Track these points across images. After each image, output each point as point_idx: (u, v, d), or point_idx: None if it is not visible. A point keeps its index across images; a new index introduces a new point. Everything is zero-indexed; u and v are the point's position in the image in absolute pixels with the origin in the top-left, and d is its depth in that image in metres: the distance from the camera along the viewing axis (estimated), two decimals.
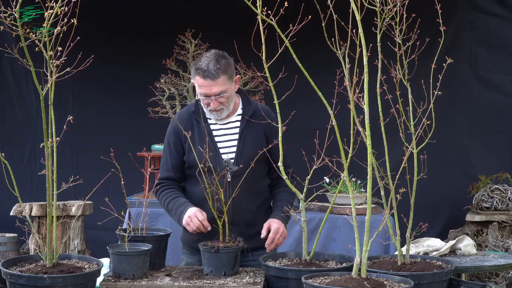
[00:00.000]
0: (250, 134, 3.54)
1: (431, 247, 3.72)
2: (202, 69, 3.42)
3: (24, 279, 2.81)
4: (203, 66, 3.42)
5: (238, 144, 3.53)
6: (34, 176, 6.64)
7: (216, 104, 3.47)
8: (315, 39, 3.52)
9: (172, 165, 3.59)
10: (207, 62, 3.42)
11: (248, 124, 3.55)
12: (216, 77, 3.41)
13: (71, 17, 2.78)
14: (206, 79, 3.41)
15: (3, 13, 2.72)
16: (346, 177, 2.93)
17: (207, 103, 3.48)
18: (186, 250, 3.70)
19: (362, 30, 2.77)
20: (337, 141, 2.92)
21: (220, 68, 3.41)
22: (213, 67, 3.41)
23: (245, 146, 3.52)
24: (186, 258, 3.69)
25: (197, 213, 3.42)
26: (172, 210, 3.55)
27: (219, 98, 3.45)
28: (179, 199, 3.54)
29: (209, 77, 3.40)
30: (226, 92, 3.45)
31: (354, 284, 2.75)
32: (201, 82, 3.44)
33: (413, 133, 3.22)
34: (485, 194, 5.89)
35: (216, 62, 3.42)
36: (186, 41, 5.64)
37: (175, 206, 3.53)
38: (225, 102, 3.48)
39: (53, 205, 2.94)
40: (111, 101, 6.77)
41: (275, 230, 3.46)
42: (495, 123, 6.46)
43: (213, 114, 3.52)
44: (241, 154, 3.51)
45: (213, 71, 3.40)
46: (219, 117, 3.53)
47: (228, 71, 3.45)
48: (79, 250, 5.61)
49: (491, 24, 6.39)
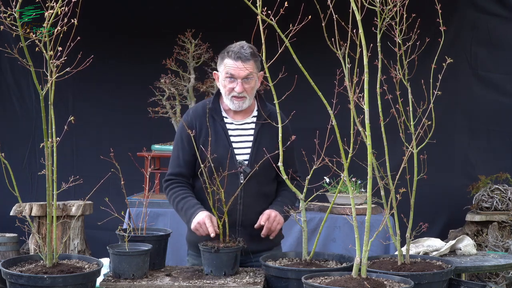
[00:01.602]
0: (264, 137, 3.52)
1: (431, 247, 3.72)
2: (235, 51, 3.45)
3: (24, 279, 2.81)
4: (235, 49, 3.46)
5: (252, 146, 3.51)
6: (34, 176, 6.64)
7: (241, 88, 3.45)
8: (315, 39, 3.52)
9: (184, 161, 3.54)
10: (239, 46, 3.47)
11: (263, 127, 3.53)
12: (247, 59, 3.44)
13: (71, 17, 2.78)
14: (237, 61, 3.44)
15: (3, 13, 2.72)
16: (346, 177, 2.93)
17: (231, 88, 3.47)
18: (192, 252, 3.67)
19: (362, 30, 2.77)
20: (337, 141, 2.92)
21: (251, 53, 3.46)
22: (245, 51, 3.45)
23: (259, 149, 3.49)
24: (192, 260, 3.66)
25: (206, 220, 3.36)
26: (181, 211, 3.51)
27: (245, 82, 3.46)
28: (190, 200, 3.50)
29: (241, 58, 3.43)
30: (253, 78, 3.47)
31: (354, 284, 2.75)
32: (231, 63, 3.45)
33: (413, 133, 3.22)
34: (485, 194, 5.89)
35: (248, 47, 3.47)
36: (186, 41, 5.64)
37: (185, 206, 3.48)
38: (248, 89, 3.48)
39: (53, 205, 2.94)
40: (111, 101, 6.77)
41: (268, 214, 3.45)
42: (495, 123, 6.46)
43: (234, 102, 3.49)
44: (255, 157, 3.48)
45: (245, 54, 3.44)
46: (240, 106, 3.50)
47: (257, 61, 3.50)
48: (79, 250, 5.61)
49: (491, 24, 6.39)
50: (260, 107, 3.58)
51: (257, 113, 3.57)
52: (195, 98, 5.66)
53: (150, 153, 5.15)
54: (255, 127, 3.55)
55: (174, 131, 5.74)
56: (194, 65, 5.65)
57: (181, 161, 3.55)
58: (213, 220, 3.35)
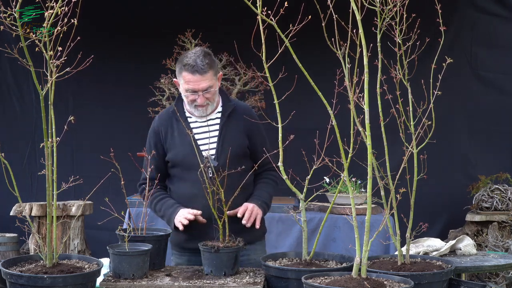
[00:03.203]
0: (230, 131, 3.57)
1: (431, 247, 3.72)
2: (191, 64, 3.44)
3: (24, 279, 2.81)
4: (190, 62, 3.44)
5: (218, 140, 3.55)
6: (34, 176, 6.64)
7: (203, 99, 3.50)
8: (315, 39, 3.52)
9: (155, 165, 3.61)
10: (194, 58, 3.45)
11: (228, 121, 3.58)
12: (204, 72, 3.44)
13: (71, 17, 2.78)
14: (195, 74, 3.44)
15: (3, 13, 2.72)
16: (346, 177, 2.93)
17: (193, 99, 3.51)
18: (175, 251, 3.72)
19: (362, 30, 2.77)
20: (337, 141, 2.92)
21: (208, 63, 3.45)
22: (201, 62, 3.44)
23: (225, 142, 3.54)
24: (176, 259, 3.71)
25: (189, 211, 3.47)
26: (160, 211, 3.61)
27: (206, 93, 3.49)
28: (167, 200, 3.60)
29: (198, 72, 3.43)
30: (213, 87, 3.49)
31: (354, 284, 2.75)
32: (190, 77, 3.46)
33: (413, 133, 3.22)
34: (485, 194, 5.89)
35: (204, 57, 3.45)
36: (186, 41, 5.64)
37: (163, 207, 3.59)
38: (210, 98, 3.52)
39: (53, 205, 2.94)
40: (111, 101, 6.77)
41: (245, 206, 3.50)
42: (495, 123, 6.46)
43: (198, 110, 3.55)
44: (221, 150, 3.53)
45: (201, 66, 3.43)
46: (204, 113, 3.56)
47: (214, 67, 3.50)
48: (79, 250, 5.61)
49: (491, 24, 6.39)
50: (223, 103, 3.61)
51: (221, 109, 3.61)
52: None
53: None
54: (220, 122, 3.58)
55: None
56: None
57: (151, 165, 3.59)
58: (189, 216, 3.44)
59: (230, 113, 3.58)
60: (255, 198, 3.58)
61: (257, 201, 3.56)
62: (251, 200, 3.57)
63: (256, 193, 3.62)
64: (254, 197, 3.60)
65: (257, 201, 3.56)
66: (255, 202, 3.55)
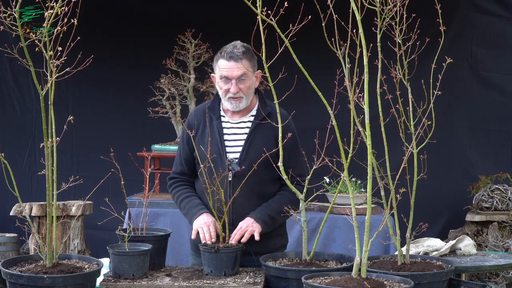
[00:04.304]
0: (259, 136, 3.50)
1: (431, 247, 3.72)
2: (227, 51, 3.45)
3: (24, 279, 2.81)
4: (228, 50, 3.46)
5: (244, 145, 3.50)
6: (34, 176, 6.64)
7: (236, 88, 3.45)
8: (315, 39, 3.52)
9: (185, 160, 3.59)
10: (232, 47, 3.47)
11: (259, 126, 3.51)
12: (239, 59, 3.42)
13: (71, 17, 2.78)
14: (230, 61, 3.43)
15: (3, 13, 2.72)
16: (346, 177, 2.93)
17: (227, 89, 3.47)
18: (192, 251, 3.68)
19: (362, 30, 2.76)
20: (337, 141, 2.92)
21: (244, 51, 3.45)
22: (238, 50, 3.44)
23: (250, 148, 3.48)
24: (193, 260, 3.67)
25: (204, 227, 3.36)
26: (184, 209, 3.56)
27: (239, 82, 3.45)
28: (192, 199, 3.53)
29: (233, 58, 3.43)
30: (248, 77, 3.45)
31: (354, 284, 2.75)
32: (224, 64, 3.45)
33: (413, 133, 3.22)
34: (485, 194, 5.89)
35: (242, 46, 3.47)
36: (186, 41, 5.64)
37: (187, 206, 3.53)
38: (244, 89, 3.47)
39: (53, 205, 2.94)
40: (111, 101, 6.76)
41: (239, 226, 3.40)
42: (495, 123, 6.46)
43: (231, 102, 3.49)
44: (245, 155, 3.47)
45: (237, 53, 3.43)
46: (237, 107, 3.49)
47: (251, 60, 3.48)
48: (79, 250, 5.61)
49: (491, 24, 6.39)
50: (259, 106, 3.57)
51: (255, 112, 3.56)
52: (195, 98, 5.66)
53: (150, 153, 5.15)
54: (251, 126, 3.53)
55: (174, 131, 5.75)
56: (194, 65, 5.65)
57: (182, 160, 3.60)
58: (210, 227, 3.35)
59: (263, 118, 3.46)
60: (256, 212, 3.46)
61: (256, 215, 3.44)
62: (252, 213, 3.46)
63: (263, 205, 3.49)
64: (257, 210, 3.48)
65: (256, 215, 3.44)
66: (254, 216, 3.43)
